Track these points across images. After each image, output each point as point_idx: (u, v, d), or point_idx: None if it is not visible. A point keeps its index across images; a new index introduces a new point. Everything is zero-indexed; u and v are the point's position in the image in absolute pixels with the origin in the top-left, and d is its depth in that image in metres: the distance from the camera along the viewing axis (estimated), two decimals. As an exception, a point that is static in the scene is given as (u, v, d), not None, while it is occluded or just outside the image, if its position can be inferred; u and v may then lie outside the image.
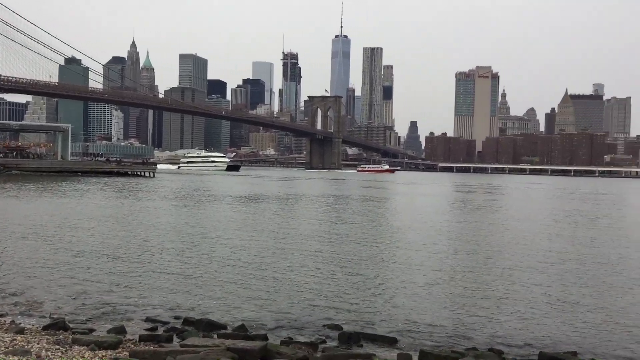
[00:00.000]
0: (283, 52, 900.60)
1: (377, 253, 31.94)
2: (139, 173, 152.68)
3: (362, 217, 54.23)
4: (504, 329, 18.02)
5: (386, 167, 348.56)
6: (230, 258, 28.94)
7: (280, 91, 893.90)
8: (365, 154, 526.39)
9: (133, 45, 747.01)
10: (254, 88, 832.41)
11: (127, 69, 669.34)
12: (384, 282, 24.36)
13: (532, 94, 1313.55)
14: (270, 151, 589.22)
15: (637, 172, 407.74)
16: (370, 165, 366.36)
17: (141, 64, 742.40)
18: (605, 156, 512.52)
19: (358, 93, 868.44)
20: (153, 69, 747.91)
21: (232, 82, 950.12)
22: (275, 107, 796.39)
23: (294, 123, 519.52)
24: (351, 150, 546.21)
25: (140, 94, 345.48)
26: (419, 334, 17.32)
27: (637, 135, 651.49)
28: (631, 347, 16.61)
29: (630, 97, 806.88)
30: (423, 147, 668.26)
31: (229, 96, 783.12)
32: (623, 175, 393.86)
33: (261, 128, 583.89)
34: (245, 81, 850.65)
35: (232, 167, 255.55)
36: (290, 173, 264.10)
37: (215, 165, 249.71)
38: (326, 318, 18.57)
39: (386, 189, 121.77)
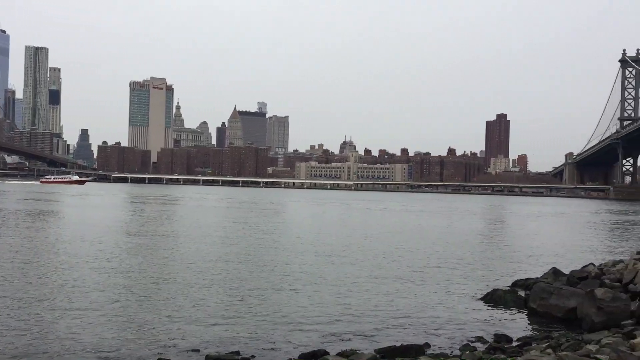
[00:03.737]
0: None
1: (36, 273, 29.21)
2: None
3: (19, 232, 48.81)
4: (173, 338, 18.48)
5: (75, 177, 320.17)
6: None
7: None
8: (28, 163, 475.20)
9: None
10: None
11: None
12: (45, 304, 22.47)
13: (204, 108, 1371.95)
14: None
15: (293, 182, 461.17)
16: (57, 176, 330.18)
17: None
18: (268, 168, 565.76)
19: (19, 95, 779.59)
20: None
21: None
22: None
23: None
24: (10, 159, 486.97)
25: None
26: (85, 355, 16.57)
27: (294, 150, 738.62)
28: (280, 340, 18.81)
29: (288, 116, 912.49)
30: (96, 157, 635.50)
31: None
32: (283, 185, 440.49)
33: None
34: None
35: None
36: None
37: None
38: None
39: (56, 202, 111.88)
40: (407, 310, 23.21)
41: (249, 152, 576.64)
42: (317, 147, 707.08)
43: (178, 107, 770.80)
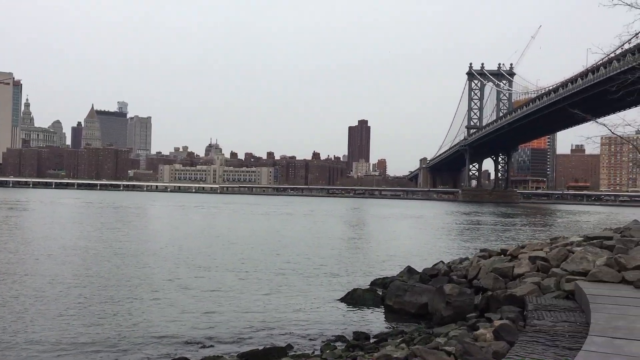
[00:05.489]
0: None
1: None
2: None
3: None
4: (21, 356, 17.11)
5: None
6: None
7: None
8: None
9: None
10: None
11: None
12: None
13: (58, 106, 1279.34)
14: None
15: (157, 186, 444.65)
16: None
17: None
18: (129, 171, 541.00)
19: None
20: None
21: None
22: None
23: None
24: None
25: None
26: None
27: (157, 152, 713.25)
28: (140, 350, 18.14)
29: (151, 117, 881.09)
30: None
31: None
32: (145, 189, 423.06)
33: None
34: None
35: None
36: None
37: None
38: None
39: None
40: (270, 314, 23.39)
41: (107, 154, 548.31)
42: (181, 150, 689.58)
43: (27, 105, 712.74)
